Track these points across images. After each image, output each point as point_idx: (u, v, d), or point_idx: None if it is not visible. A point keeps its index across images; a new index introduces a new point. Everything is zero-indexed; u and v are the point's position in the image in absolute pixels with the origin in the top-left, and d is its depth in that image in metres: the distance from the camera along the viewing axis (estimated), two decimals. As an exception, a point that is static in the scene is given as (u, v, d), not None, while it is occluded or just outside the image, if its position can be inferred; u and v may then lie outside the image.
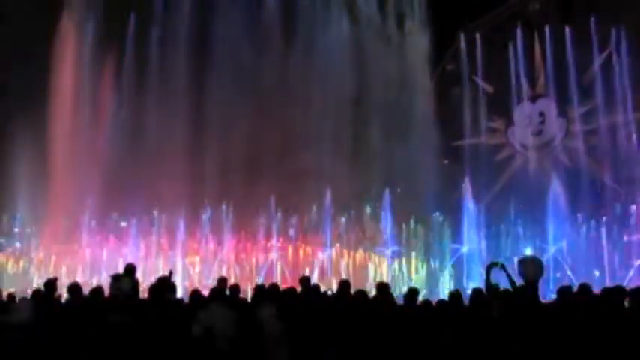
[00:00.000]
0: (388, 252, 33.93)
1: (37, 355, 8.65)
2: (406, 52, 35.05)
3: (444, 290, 28.72)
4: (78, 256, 34.18)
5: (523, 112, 38.32)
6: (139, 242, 34.80)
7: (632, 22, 32.62)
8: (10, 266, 34.89)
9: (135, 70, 35.59)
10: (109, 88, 35.18)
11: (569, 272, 31.48)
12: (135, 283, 9.84)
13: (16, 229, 36.59)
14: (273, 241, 34.48)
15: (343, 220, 34.83)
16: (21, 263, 35.04)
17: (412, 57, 34.94)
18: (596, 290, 8.82)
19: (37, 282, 29.12)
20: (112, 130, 35.35)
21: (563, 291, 9.10)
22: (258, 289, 9.81)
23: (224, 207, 34.79)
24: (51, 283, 9.91)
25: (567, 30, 35.07)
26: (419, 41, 35.05)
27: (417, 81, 35.01)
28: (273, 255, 34.29)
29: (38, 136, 32.70)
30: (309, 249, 34.55)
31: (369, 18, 35.16)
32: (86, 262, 33.85)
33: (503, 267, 8.74)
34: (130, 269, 10.19)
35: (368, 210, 35.26)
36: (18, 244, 36.38)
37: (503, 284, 9.10)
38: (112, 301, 9.07)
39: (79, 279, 26.19)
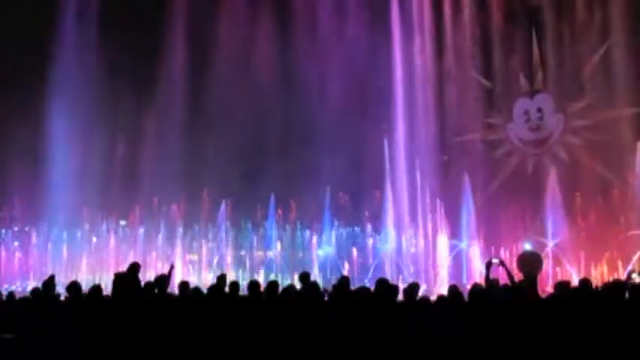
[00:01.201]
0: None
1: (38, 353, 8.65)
2: (406, 48, 34.97)
3: None
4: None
5: (521, 108, 38.30)
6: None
7: (629, 17, 32.60)
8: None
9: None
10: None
11: (568, 267, 31.52)
12: (137, 283, 9.85)
13: (16, 228, 36.64)
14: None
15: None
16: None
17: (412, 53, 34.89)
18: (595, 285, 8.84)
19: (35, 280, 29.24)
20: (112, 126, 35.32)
21: (561, 286, 9.13)
22: (253, 286, 9.69)
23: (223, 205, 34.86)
24: (49, 282, 9.89)
25: (565, 25, 35.02)
26: (419, 36, 34.99)
27: (416, 77, 34.96)
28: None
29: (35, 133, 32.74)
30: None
31: (369, 15, 35.01)
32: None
33: (502, 263, 8.77)
34: (135, 268, 10.16)
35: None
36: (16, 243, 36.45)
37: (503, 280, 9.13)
38: None
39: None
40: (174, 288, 11.18)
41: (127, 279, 9.74)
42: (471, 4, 36.56)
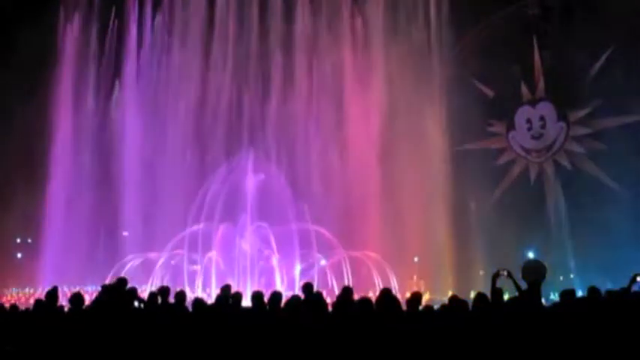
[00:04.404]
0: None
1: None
2: (409, 56, 34.96)
3: None
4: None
5: (524, 116, 38.33)
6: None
7: (631, 25, 32.63)
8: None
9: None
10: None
11: (572, 275, 31.41)
12: (131, 293, 9.89)
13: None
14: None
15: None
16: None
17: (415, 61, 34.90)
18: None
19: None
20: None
21: (566, 294, 9.08)
22: (257, 297, 9.59)
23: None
24: (52, 294, 9.88)
25: (567, 34, 35.06)
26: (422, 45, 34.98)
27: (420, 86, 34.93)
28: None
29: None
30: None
31: (373, 23, 34.98)
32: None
33: (509, 275, 8.72)
34: (122, 281, 10.27)
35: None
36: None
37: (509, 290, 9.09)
38: None
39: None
40: None
41: (115, 291, 9.82)
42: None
